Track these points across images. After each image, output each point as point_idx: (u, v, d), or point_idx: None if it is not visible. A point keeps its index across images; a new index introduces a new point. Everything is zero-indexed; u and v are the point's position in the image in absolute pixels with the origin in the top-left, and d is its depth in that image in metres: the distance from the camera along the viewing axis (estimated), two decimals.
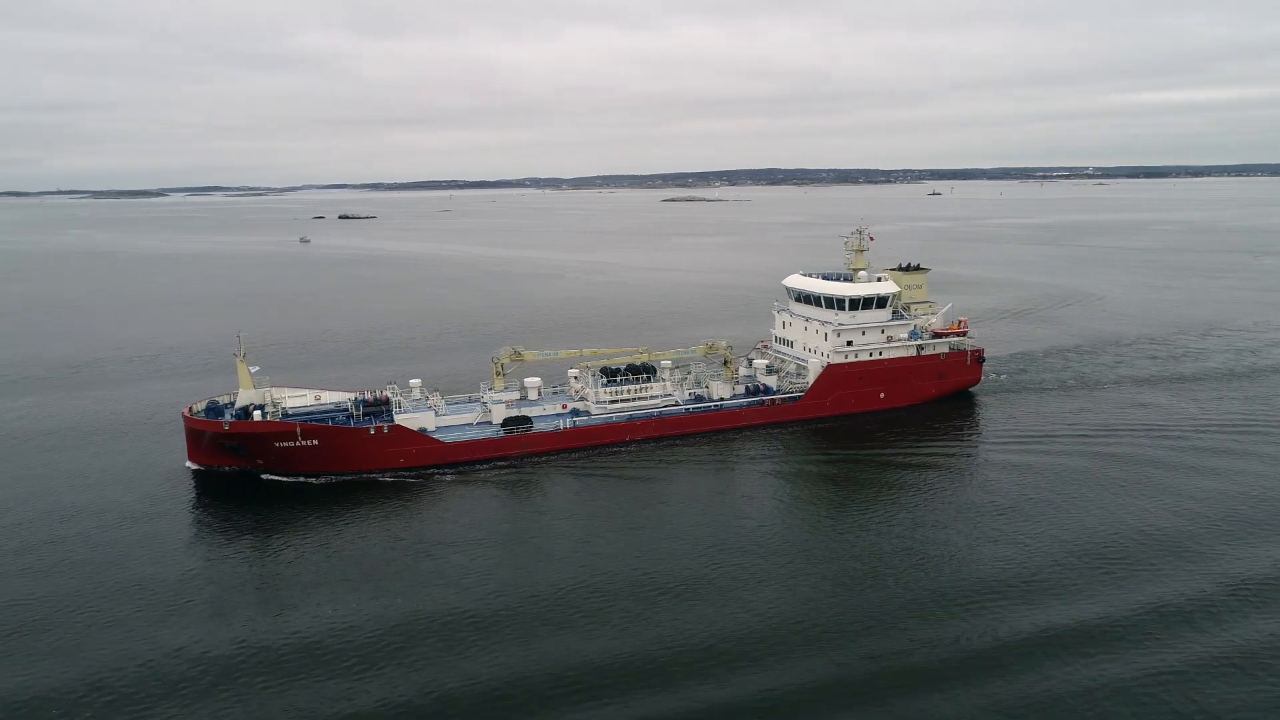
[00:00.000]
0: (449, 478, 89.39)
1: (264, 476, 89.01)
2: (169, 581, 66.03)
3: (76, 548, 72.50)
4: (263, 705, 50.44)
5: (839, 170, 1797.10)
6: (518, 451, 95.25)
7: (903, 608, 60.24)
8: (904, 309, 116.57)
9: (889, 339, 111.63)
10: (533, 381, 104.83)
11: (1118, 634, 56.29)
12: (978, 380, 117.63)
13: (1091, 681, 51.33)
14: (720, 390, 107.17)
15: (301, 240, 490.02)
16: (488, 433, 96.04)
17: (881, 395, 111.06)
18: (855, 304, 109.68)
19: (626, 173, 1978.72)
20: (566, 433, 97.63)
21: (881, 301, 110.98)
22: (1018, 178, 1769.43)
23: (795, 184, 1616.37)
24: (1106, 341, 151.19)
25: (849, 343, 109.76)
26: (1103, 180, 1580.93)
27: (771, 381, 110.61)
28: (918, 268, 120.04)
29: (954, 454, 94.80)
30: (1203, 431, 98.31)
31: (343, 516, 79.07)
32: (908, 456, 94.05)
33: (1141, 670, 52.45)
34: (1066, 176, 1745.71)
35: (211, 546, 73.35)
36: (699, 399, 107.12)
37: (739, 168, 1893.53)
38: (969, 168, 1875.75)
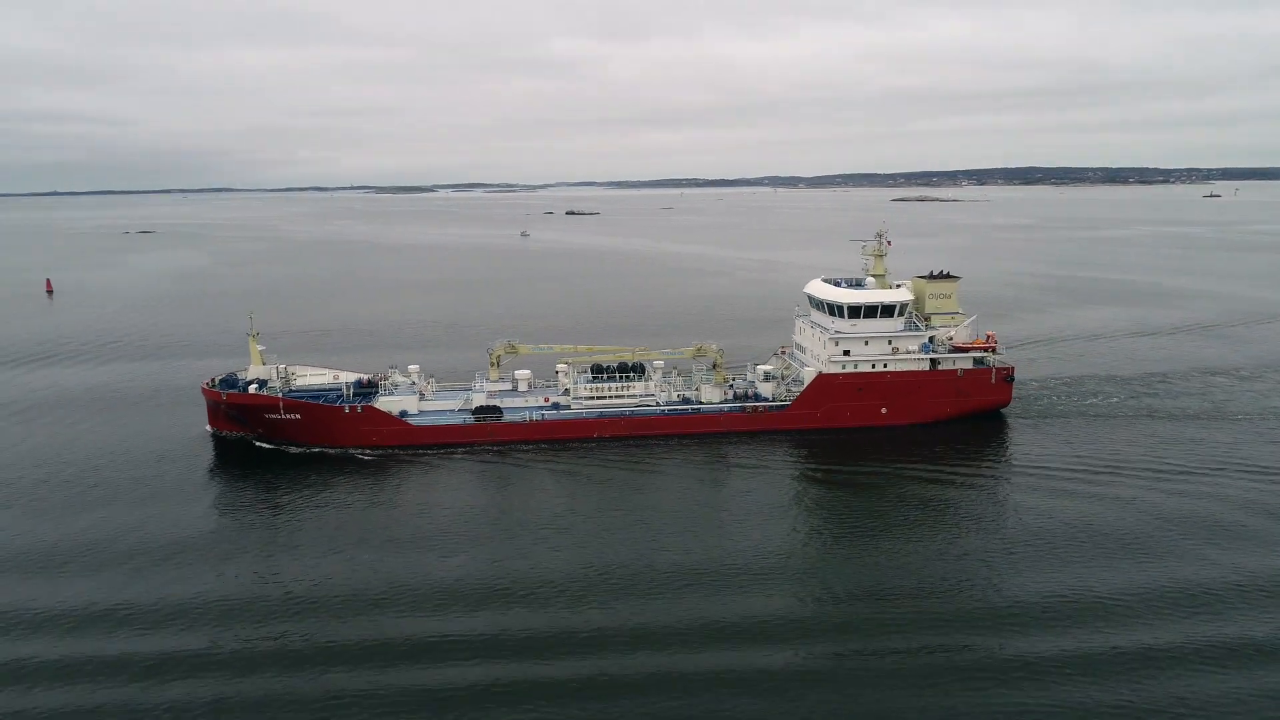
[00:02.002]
0: (406, 459, 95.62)
1: (256, 444, 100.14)
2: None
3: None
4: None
5: (1107, 169, 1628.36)
6: (485, 439, 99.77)
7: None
8: (924, 319, 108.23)
9: (895, 350, 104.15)
10: (523, 374, 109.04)
11: None
12: (1006, 401, 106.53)
13: None
14: (710, 394, 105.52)
15: (522, 234, 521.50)
16: (460, 419, 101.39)
17: (883, 410, 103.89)
18: (856, 311, 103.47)
19: (867, 171, 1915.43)
20: (534, 425, 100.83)
21: (888, 310, 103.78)
22: None
23: (1053, 184, 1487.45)
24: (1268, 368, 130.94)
25: (846, 352, 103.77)
26: None
27: (769, 388, 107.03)
28: (946, 275, 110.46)
29: (935, 479, 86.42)
30: None
31: (308, 484, 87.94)
32: (870, 478, 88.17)
33: None
34: None
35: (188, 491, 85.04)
36: (687, 401, 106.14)
37: (990, 166, 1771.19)
38: (1273, 166, 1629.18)
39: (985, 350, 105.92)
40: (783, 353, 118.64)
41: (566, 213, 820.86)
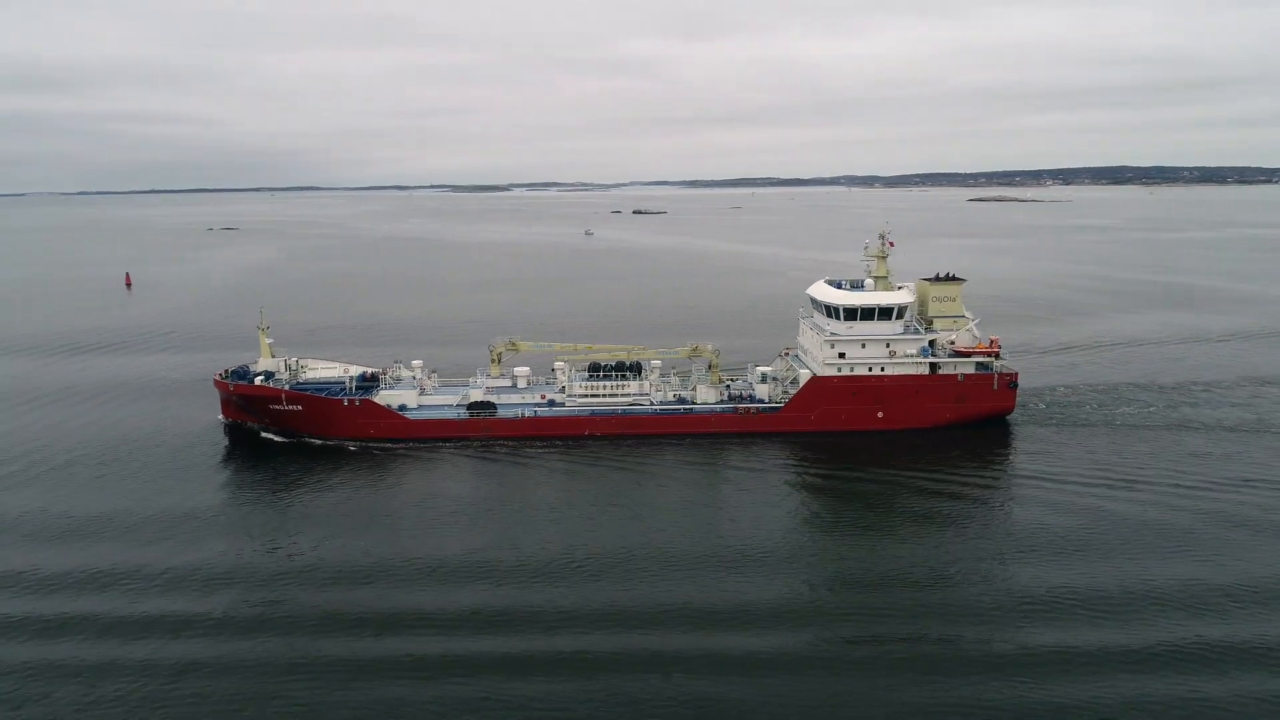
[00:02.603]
0: (401, 451, 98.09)
1: (262, 434, 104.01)
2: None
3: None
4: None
5: (1204, 169, 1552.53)
6: (478, 434, 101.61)
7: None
8: (926, 323, 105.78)
9: (892, 353, 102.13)
10: (522, 371, 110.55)
11: None
12: (1009, 408, 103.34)
13: None
14: (705, 395, 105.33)
15: (586, 233, 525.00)
16: (455, 414, 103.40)
17: (880, 415, 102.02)
18: (851, 314, 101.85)
19: (947, 170, 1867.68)
20: (526, 421, 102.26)
21: (885, 312, 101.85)
22: None
23: (1144, 183, 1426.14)
24: None
25: (841, 355, 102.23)
26: None
27: (766, 390, 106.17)
28: (951, 278, 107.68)
29: (921, 486, 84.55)
30: None
31: (302, 470, 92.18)
32: (853, 483, 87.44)
33: None
34: None
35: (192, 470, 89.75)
36: (682, 401, 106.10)
37: (1078, 165, 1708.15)
38: None
39: (988, 355, 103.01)
40: (787, 354, 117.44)
41: (634, 212, 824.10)
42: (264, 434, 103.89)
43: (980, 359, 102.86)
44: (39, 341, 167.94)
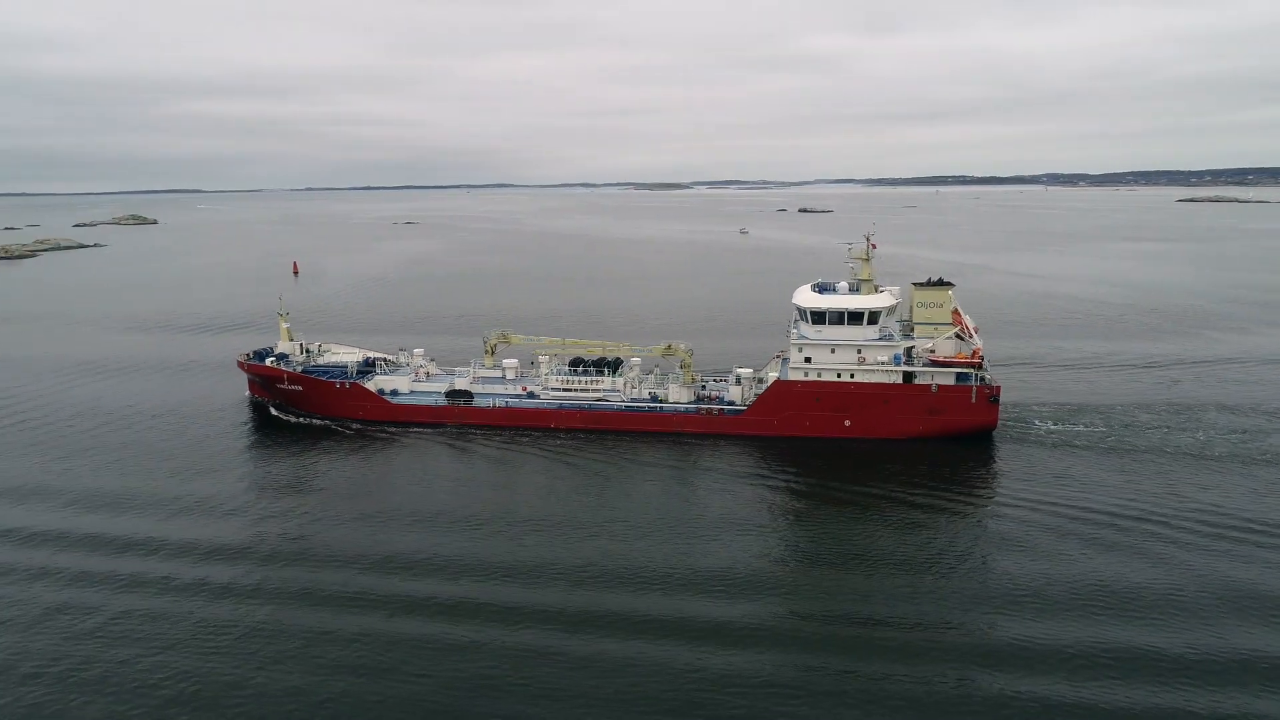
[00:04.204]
0: (383, 434, 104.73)
1: (272, 410, 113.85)
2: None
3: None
4: None
5: None
6: (453, 421, 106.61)
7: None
8: (909, 330, 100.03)
9: (862, 360, 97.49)
10: (510, 363, 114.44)
11: None
12: (990, 424, 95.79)
13: None
14: (677, 394, 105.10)
15: (740, 232, 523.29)
16: (433, 401, 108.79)
17: (847, 423, 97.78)
18: (820, 317, 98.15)
19: (1165, 168, 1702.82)
20: (496, 410, 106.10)
21: (855, 317, 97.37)
22: None
23: None
24: None
25: (808, 359, 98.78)
26: None
27: (738, 392, 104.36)
28: (940, 282, 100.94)
29: (853, 499, 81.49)
30: None
31: (289, 443, 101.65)
32: (795, 488, 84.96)
33: None
34: None
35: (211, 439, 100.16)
36: (656, 399, 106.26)
37: None
38: None
39: (968, 366, 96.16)
40: (779, 358, 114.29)
41: (799, 210, 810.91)
42: (273, 410, 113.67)
43: (960, 370, 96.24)
44: (200, 320, 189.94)
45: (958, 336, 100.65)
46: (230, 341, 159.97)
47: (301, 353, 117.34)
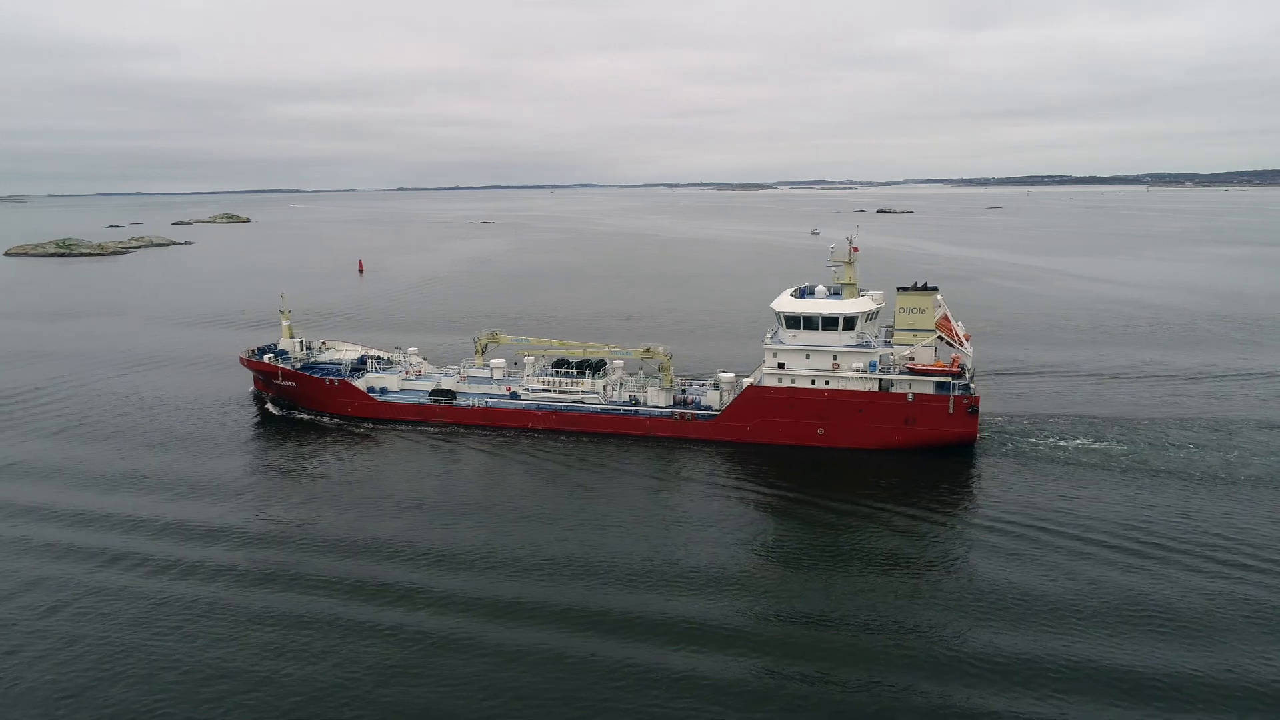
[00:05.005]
0: (357, 430, 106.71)
1: (267, 405, 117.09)
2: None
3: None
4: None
5: None
6: (435, 419, 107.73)
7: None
8: (887, 335, 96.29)
9: (836, 366, 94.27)
10: (498, 363, 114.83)
11: None
12: (969, 435, 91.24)
13: None
14: (655, 397, 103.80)
15: (812, 233, 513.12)
16: (416, 399, 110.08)
17: (820, 431, 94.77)
18: (794, 322, 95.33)
19: None
20: (476, 410, 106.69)
21: (830, 322, 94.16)
22: None
23: None
24: None
25: (781, 364, 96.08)
26: None
27: (715, 398, 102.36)
28: (925, 287, 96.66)
29: (823, 521, 78.39)
30: None
31: (273, 435, 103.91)
32: (762, 496, 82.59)
33: None
34: None
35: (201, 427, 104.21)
36: (635, 402, 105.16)
37: None
38: None
39: (946, 375, 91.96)
40: None
41: (878, 211, 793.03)
42: (268, 405, 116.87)
43: (939, 378, 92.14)
44: (255, 317, 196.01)
45: (948, 344, 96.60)
46: (269, 337, 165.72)
47: (301, 349, 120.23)
